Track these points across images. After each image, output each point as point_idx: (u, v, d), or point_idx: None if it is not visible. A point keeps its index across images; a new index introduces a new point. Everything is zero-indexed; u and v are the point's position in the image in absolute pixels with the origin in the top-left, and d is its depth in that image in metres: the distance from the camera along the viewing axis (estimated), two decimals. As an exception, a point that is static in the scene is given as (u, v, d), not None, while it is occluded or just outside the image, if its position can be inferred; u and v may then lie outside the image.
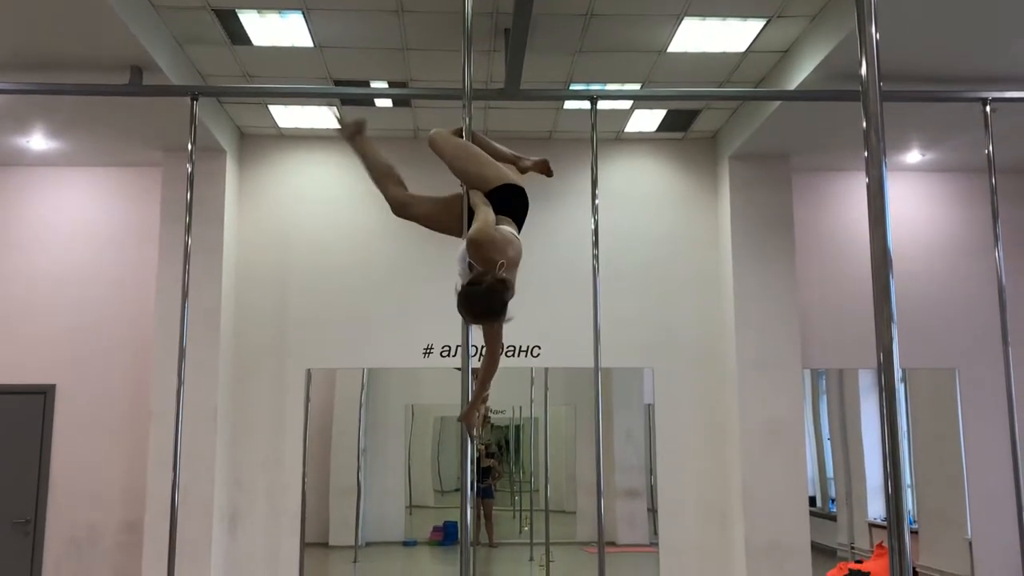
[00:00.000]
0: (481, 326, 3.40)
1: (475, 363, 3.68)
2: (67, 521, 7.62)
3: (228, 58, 6.59)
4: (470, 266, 3.36)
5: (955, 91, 6.17)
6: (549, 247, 7.91)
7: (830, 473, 9.58)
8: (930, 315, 8.13)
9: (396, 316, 7.97)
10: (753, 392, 7.59)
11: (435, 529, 9.66)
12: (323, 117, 7.74)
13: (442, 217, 3.68)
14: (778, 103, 6.68)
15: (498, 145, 3.87)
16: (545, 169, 3.93)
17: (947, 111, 6.67)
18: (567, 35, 6.22)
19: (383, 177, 3.78)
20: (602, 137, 7.82)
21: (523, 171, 3.87)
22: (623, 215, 8.09)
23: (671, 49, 6.45)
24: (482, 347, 3.52)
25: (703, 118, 7.80)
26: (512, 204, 3.54)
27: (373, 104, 7.55)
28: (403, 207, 3.72)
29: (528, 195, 3.65)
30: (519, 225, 3.59)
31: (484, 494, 9.74)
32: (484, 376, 3.56)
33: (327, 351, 7.97)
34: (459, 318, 3.55)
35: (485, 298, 3.19)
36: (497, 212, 3.46)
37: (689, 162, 8.31)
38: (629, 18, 6.00)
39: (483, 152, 3.71)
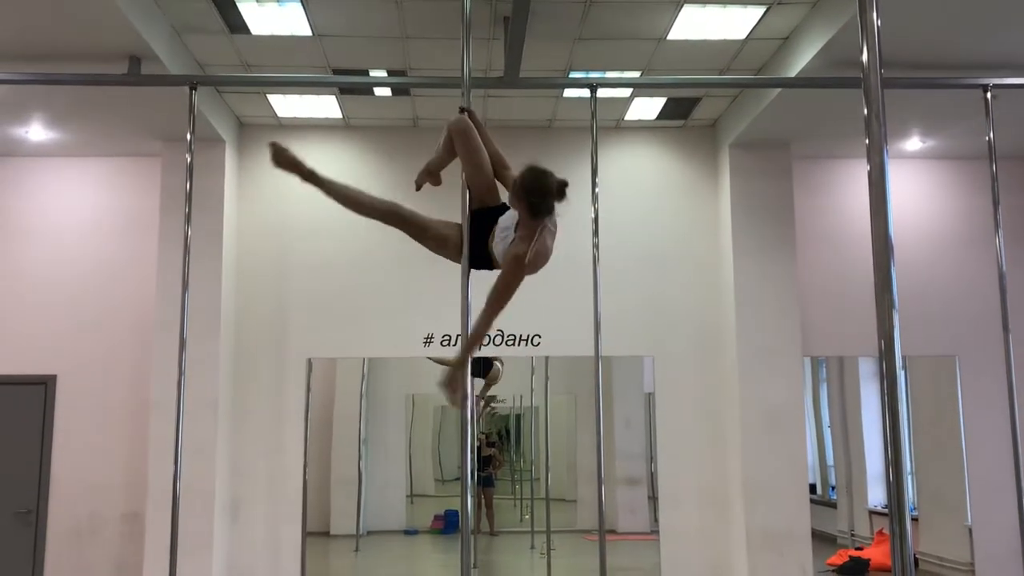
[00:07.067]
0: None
1: (476, 352, 3.69)
2: (68, 511, 7.63)
3: (227, 47, 6.57)
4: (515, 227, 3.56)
5: (956, 78, 6.15)
6: (549, 236, 7.89)
7: (830, 460, 9.60)
8: (931, 303, 8.12)
9: (397, 305, 7.97)
10: (753, 380, 7.60)
11: (436, 518, 9.69)
12: (322, 106, 7.72)
13: (436, 240, 3.76)
14: (778, 90, 6.65)
15: (499, 149, 3.88)
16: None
17: (948, 98, 6.65)
18: (566, 23, 6.20)
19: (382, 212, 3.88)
20: (602, 125, 7.79)
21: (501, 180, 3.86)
22: (623, 204, 8.08)
23: (671, 36, 6.42)
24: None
25: (703, 106, 7.78)
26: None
27: (372, 93, 7.53)
28: (391, 214, 3.81)
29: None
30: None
31: (485, 483, 9.76)
32: (485, 313, 3.47)
33: (328, 341, 7.97)
34: (458, 307, 3.58)
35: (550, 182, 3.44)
36: (480, 227, 3.66)
37: (689, 150, 8.29)
38: (629, 5, 5.98)
39: (486, 164, 3.73)
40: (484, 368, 8.81)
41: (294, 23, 6.19)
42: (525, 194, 3.45)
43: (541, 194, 3.44)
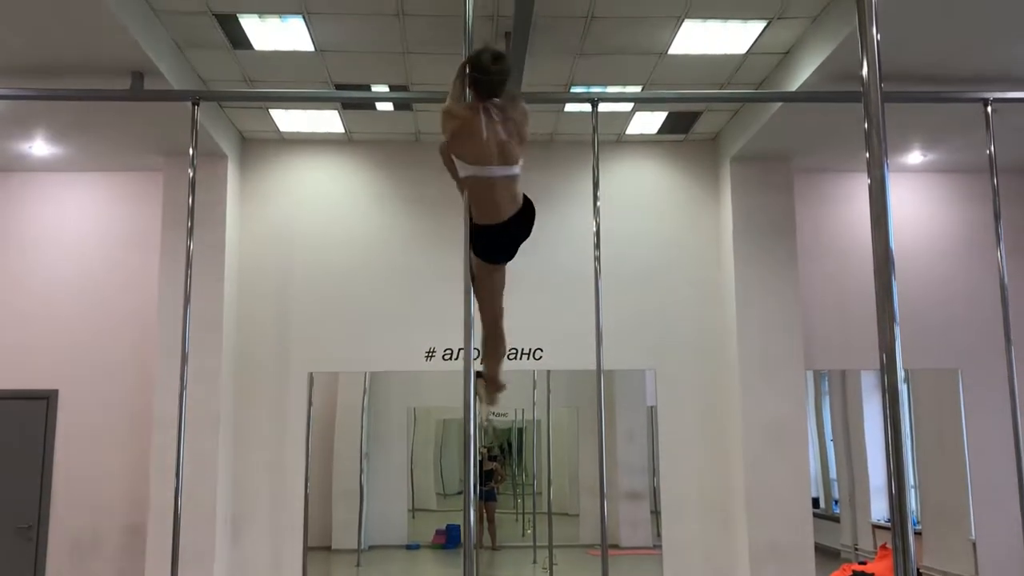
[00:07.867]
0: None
1: (477, 366, 3.68)
2: (70, 526, 7.61)
3: (229, 62, 6.60)
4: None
5: (956, 91, 6.17)
6: (551, 250, 7.90)
7: (833, 474, 9.57)
8: (933, 316, 8.12)
9: (398, 319, 7.97)
10: (755, 393, 7.59)
11: (438, 532, 9.65)
12: (324, 121, 7.74)
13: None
14: (779, 104, 6.67)
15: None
16: None
17: (948, 111, 6.67)
18: (568, 38, 6.23)
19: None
20: (603, 140, 7.81)
21: None
22: (625, 217, 8.09)
23: (672, 51, 6.45)
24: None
25: (704, 120, 7.80)
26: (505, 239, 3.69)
27: (374, 108, 7.55)
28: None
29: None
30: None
31: (487, 497, 9.73)
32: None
33: (329, 355, 7.97)
34: (460, 323, 3.57)
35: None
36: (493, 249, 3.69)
37: (690, 164, 8.31)
38: (630, 20, 6.00)
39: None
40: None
41: (296, 39, 6.22)
42: (469, 69, 3.61)
43: (479, 68, 3.57)
